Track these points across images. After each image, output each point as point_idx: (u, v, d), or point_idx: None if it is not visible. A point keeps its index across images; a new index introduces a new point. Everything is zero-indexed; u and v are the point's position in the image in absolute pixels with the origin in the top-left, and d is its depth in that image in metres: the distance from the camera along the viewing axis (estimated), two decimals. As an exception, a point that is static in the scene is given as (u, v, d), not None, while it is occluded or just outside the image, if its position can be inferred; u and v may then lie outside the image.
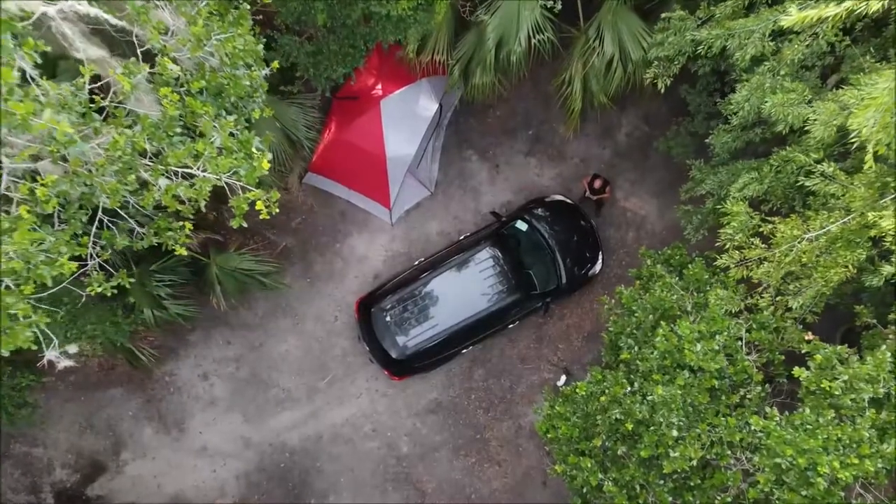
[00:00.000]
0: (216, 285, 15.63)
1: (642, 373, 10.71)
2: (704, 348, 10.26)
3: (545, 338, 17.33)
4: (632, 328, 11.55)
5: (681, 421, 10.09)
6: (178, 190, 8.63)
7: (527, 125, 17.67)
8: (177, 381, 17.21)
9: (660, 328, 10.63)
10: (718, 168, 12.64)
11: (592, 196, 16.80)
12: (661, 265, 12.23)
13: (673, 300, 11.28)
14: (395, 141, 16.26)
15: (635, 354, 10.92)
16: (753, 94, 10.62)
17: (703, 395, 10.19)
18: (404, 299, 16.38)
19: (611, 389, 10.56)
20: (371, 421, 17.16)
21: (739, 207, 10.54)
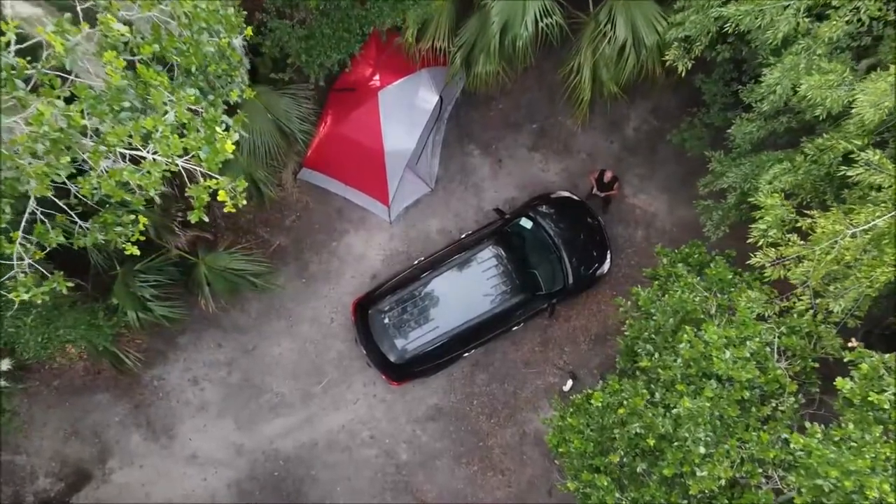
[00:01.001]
0: (205, 286, 14.33)
1: (664, 382, 9.40)
2: (734, 356, 8.96)
3: (550, 340, 16.02)
4: (650, 332, 10.25)
5: (708, 436, 8.79)
6: (123, 175, 7.13)
7: (531, 118, 16.36)
8: (165, 385, 15.89)
9: (684, 333, 9.33)
10: (740, 160, 11.34)
11: (600, 192, 15.50)
12: (681, 264, 10.91)
13: (695, 302, 9.98)
14: (394, 134, 14.95)
15: (656, 362, 9.61)
16: (786, 77, 9.31)
17: (733, 408, 8.89)
18: (403, 300, 15.07)
19: (630, 401, 9.25)
20: (369, 427, 15.85)
21: (774, 200, 9.22)
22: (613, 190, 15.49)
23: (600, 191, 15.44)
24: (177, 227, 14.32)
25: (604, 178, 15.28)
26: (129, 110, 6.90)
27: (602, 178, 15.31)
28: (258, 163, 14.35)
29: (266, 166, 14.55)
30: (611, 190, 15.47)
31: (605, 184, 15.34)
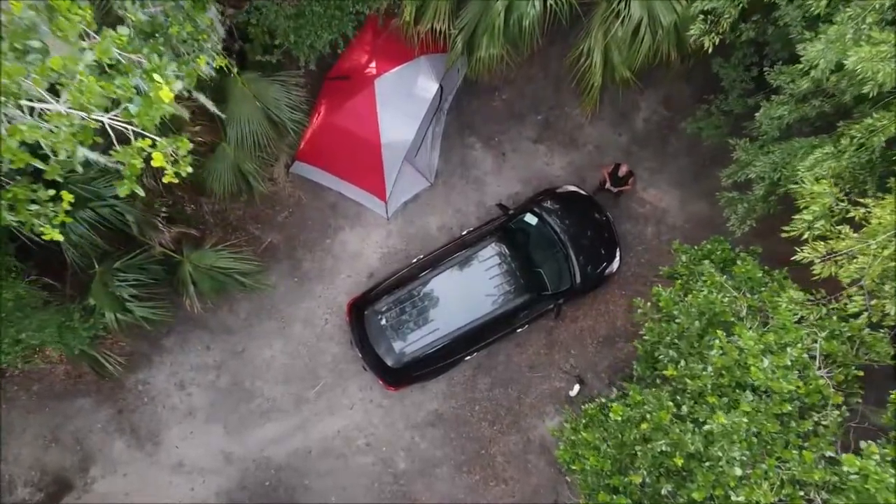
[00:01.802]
0: (189, 285, 12.98)
1: (691, 393, 8.10)
2: (773, 364, 7.66)
3: (556, 343, 14.71)
4: (672, 336, 8.94)
5: (744, 455, 7.49)
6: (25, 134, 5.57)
7: (535, 109, 15.04)
8: (150, 390, 14.55)
9: (715, 339, 8.02)
10: (768, 147, 10.04)
11: (613, 187, 14.19)
12: (706, 261, 9.57)
13: (724, 303, 8.66)
14: (391, 125, 13.62)
15: (682, 370, 8.29)
16: (830, 49, 7.99)
17: (773, 423, 7.58)
18: (401, 301, 13.75)
19: (655, 415, 7.93)
20: (365, 434, 14.52)
21: (822, 187, 7.90)
22: (628, 185, 14.18)
23: (614, 186, 14.14)
24: (160, 223, 13.00)
25: (618, 173, 13.97)
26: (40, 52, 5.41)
27: (616, 173, 14.00)
28: (247, 154, 13.06)
29: (255, 158, 13.24)
30: (625, 185, 14.17)
31: (620, 178, 14.02)
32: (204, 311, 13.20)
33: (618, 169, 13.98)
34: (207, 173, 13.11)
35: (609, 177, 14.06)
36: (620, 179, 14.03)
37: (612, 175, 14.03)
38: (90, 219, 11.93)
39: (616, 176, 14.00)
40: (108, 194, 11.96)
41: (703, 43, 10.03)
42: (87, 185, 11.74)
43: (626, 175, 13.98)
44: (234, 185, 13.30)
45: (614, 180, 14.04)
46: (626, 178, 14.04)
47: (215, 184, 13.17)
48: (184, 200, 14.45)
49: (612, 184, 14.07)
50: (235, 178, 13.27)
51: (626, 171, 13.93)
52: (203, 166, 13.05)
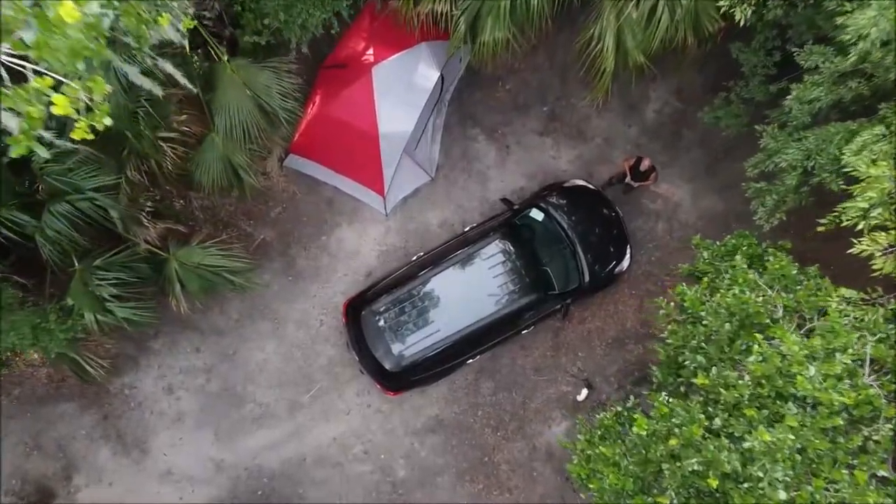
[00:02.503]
0: (176, 284, 11.84)
1: (725, 404, 6.99)
2: (821, 372, 6.56)
3: (563, 345, 13.59)
4: (699, 340, 7.83)
5: (787, 475, 6.39)
6: None
7: (541, 100, 13.93)
8: (137, 394, 13.43)
9: (750, 343, 6.92)
10: (800, 133, 8.93)
11: (634, 182, 13.04)
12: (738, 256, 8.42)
13: (758, 303, 7.55)
14: (390, 116, 12.49)
15: (714, 378, 7.17)
16: (884, 16, 6.90)
17: (821, 440, 6.48)
18: (400, 300, 12.63)
19: (685, 429, 6.82)
20: (362, 441, 13.40)
21: (881, 169, 6.79)
22: (649, 180, 13.05)
23: (634, 180, 13.00)
24: (145, 218, 11.91)
25: (640, 167, 12.84)
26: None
27: (638, 166, 12.86)
28: (236, 146, 11.95)
29: (246, 150, 12.13)
30: (646, 180, 13.03)
31: (642, 173, 12.89)
32: (191, 311, 12.06)
33: (640, 163, 12.84)
34: (195, 165, 12.00)
35: (630, 170, 12.93)
36: (642, 174, 12.89)
37: (634, 169, 12.90)
38: (68, 213, 10.81)
39: (637, 170, 12.87)
40: (87, 187, 10.86)
41: (735, 15, 8.91)
42: (64, 177, 10.64)
43: (648, 170, 12.85)
44: (224, 178, 12.18)
45: (635, 174, 12.91)
46: (647, 173, 12.90)
47: (204, 177, 12.05)
48: (172, 195, 13.32)
49: (633, 177, 12.94)
50: (225, 171, 12.14)
51: (648, 165, 12.79)
52: (191, 158, 11.98)
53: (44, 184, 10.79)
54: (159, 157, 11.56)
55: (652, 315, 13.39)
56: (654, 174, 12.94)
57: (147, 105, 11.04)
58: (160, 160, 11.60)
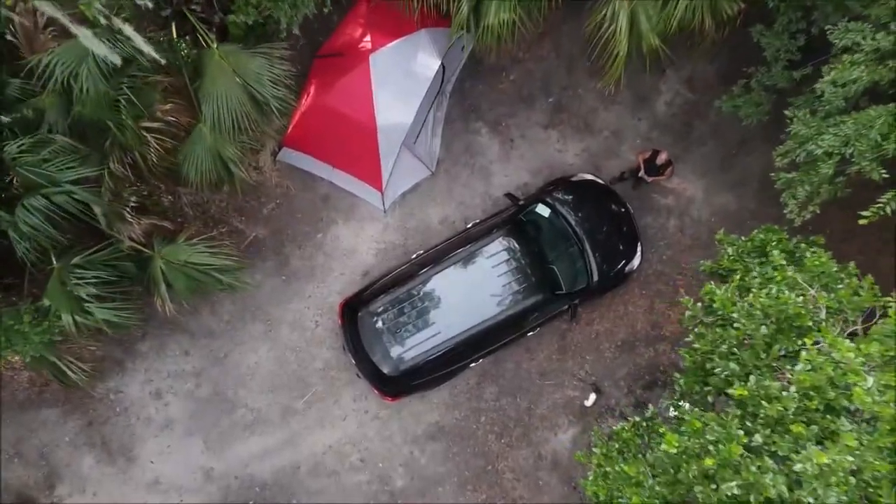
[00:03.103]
0: (161, 283, 10.84)
1: (766, 419, 6.00)
2: (880, 383, 5.57)
3: (570, 348, 12.59)
4: (730, 345, 6.84)
5: (841, 500, 5.41)
6: None
7: (546, 91, 12.93)
8: (123, 399, 12.43)
9: (792, 348, 5.94)
10: (835, 118, 7.96)
11: (648, 177, 12.05)
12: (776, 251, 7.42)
13: (798, 304, 6.56)
14: (388, 106, 11.51)
15: (754, 389, 6.17)
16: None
17: (880, 461, 5.49)
18: (399, 301, 11.65)
19: (722, 447, 5.82)
20: (359, 449, 12.39)
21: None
22: (664, 175, 12.05)
23: (648, 174, 12.00)
24: (129, 214, 10.92)
25: (656, 160, 11.84)
26: None
27: (654, 160, 11.87)
28: (226, 137, 10.94)
29: (236, 142, 11.13)
30: (661, 175, 12.03)
31: (658, 166, 11.89)
32: (178, 312, 11.06)
33: (656, 156, 11.84)
34: (183, 158, 11.01)
35: (644, 164, 11.94)
36: (658, 168, 11.89)
37: (649, 162, 11.90)
38: (44, 207, 9.83)
39: (653, 163, 11.87)
40: (64, 179, 9.87)
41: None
42: (38, 169, 9.65)
43: (664, 164, 11.85)
44: (214, 172, 11.16)
45: (650, 168, 11.91)
46: (664, 168, 11.90)
47: (192, 170, 11.04)
48: (160, 190, 12.28)
49: (647, 172, 11.94)
50: (214, 165, 11.13)
51: (665, 158, 11.79)
52: (179, 151, 10.99)
53: (18, 176, 9.81)
54: (143, 148, 10.56)
55: (663, 317, 12.47)
56: (671, 169, 11.95)
57: (129, 93, 10.05)
58: (144, 152, 10.60)
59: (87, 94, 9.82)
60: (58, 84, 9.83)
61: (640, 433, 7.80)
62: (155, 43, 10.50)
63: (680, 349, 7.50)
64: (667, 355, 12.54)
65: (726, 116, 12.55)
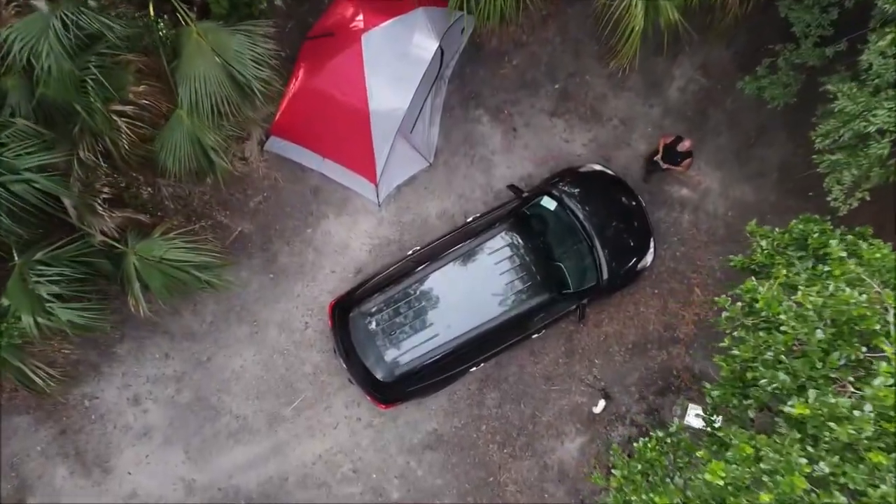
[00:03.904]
0: (134, 282, 9.61)
1: (831, 444, 4.78)
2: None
3: (577, 351, 11.36)
4: (777, 352, 5.61)
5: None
6: None
7: (552, 77, 11.71)
8: (99, 406, 11.20)
9: (875, 359, 4.73)
10: (890, 93, 6.73)
11: (663, 163, 10.82)
12: (835, 242, 6.18)
13: (862, 303, 5.34)
14: (382, 90, 10.30)
15: (816, 407, 4.94)
16: None
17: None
18: (394, 301, 10.43)
19: (782, 481, 4.60)
20: (351, 459, 11.17)
21: None
22: (681, 166, 10.80)
23: (665, 160, 10.77)
24: (100, 206, 9.72)
25: (677, 147, 10.59)
26: None
27: (675, 146, 10.62)
28: (205, 123, 9.71)
29: (217, 129, 9.91)
30: (678, 165, 10.78)
31: (678, 154, 10.62)
32: (154, 313, 9.83)
33: (678, 143, 10.58)
34: (161, 146, 9.78)
35: (664, 149, 10.70)
36: (678, 155, 10.64)
37: (669, 148, 10.66)
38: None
39: (673, 150, 10.62)
40: (23, 166, 8.65)
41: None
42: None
43: (685, 153, 10.59)
44: (193, 161, 9.93)
45: (668, 155, 10.67)
46: (684, 157, 10.65)
47: (170, 159, 9.81)
48: (139, 182, 11.08)
49: (664, 158, 10.71)
50: (195, 154, 9.90)
51: (687, 147, 10.51)
52: (156, 138, 9.77)
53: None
54: (115, 134, 9.33)
55: (677, 318, 11.24)
56: (689, 161, 10.68)
57: (97, 72, 8.83)
58: (116, 139, 9.37)
59: (50, 74, 8.62)
60: (19, 63, 8.65)
61: (664, 450, 6.57)
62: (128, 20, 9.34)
63: (715, 357, 6.27)
64: (681, 359, 11.32)
65: (744, 104, 11.40)
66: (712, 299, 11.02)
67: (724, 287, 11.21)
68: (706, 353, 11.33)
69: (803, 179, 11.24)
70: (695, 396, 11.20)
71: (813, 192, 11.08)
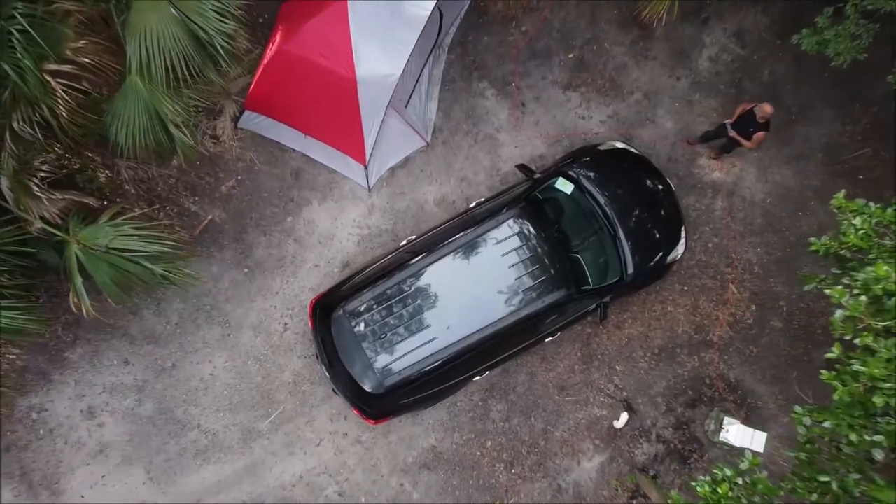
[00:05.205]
0: (76, 275, 7.67)
1: None
2: None
3: (596, 356, 9.39)
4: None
5: None
6: None
7: (566, 45, 9.76)
8: (48, 419, 9.22)
9: None
10: None
11: (731, 130, 8.73)
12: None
13: None
14: (371, 54, 8.31)
15: None
16: None
17: None
18: (384, 298, 8.44)
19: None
20: (336, 480, 9.20)
21: None
22: (749, 140, 8.68)
23: (735, 128, 8.70)
24: (38, 188, 7.79)
25: (756, 117, 8.48)
26: None
27: (752, 116, 8.52)
28: (163, 89, 7.77)
29: (178, 96, 7.96)
30: (748, 137, 8.70)
31: (754, 123, 8.49)
32: (100, 314, 7.83)
33: (756, 111, 8.47)
34: (111, 118, 7.85)
35: (739, 117, 8.63)
36: (751, 125, 8.51)
37: (745, 115, 8.58)
38: None
39: (749, 118, 8.54)
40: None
41: None
42: None
43: (763, 123, 8.47)
44: (150, 136, 8.00)
45: (742, 124, 8.57)
46: (759, 129, 8.51)
47: (122, 133, 7.91)
48: (95, 163, 9.13)
49: (735, 126, 8.62)
50: (152, 127, 7.98)
51: (767, 114, 8.31)
52: (107, 108, 7.84)
53: None
54: (51, 100, 7.39)
55: (709, 318, 9.28)
56: (763, 135, 8.53)
57: (24, 23, 6.91)
58: (53, 105, 7.43)
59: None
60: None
61: (735, 494, 4.61)
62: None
63: (823, 374, 4.29)
64: (714, 365, 9.35)
65: (783, 75, 9.47)
66: (749, 297, 9.14)
67: (778, 281, 9.26)
68: (743, 359, 9.36)
69: (853, 160, 9.34)
70: (731, 408, 9.24)
71: (864, 174, 9.19)
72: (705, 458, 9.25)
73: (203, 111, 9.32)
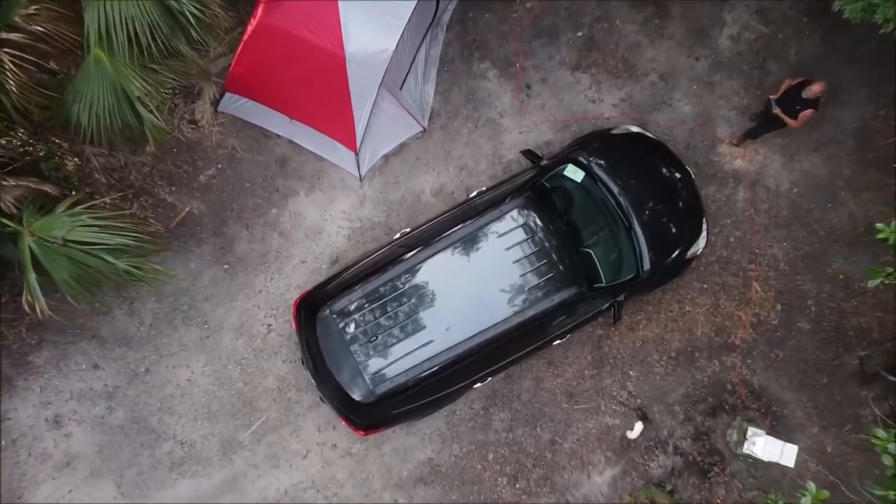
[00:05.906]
0: (30, 270, 6.67)
1: None
2: None
3: (608, 361, 8.35)
4: None
5: None
6: None
7: (574, 23, 8.73)
8: (11, 429, 8.19)
9: None
10: None
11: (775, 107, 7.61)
12: None
13: None
14: (361, 28, 7.30)
15: None
16: None
17: None
18: (376, 297, 7.41)
19: None
20: (325, 495, 8.16)
21: None
22: (795, 119, 7.65)
23: (779, 104, 7.62)
24: (-11, 174, 6.83)
25: (802, 93, 7.45)
26: None
27: (800, 92, 7.46)
28: (130, 66, 6.76)
29: (149, 75, 6.95)
30: (793, 116, 7.65)
31: (801, 100, 7.49)
32: (53, 313, 6.79)
33: (803, 87, 7.45)
34: (73, 97, 6.86)
35: (784, 93, 7.59)
36: (797, 103, 7.48)
37: (792, 91, 7.54)
38: None
39: (795, 96, 7.51)
40: None
41: None
42: None
43: (811, 100, 7.44)
44: (117, 117, 7.01)
45: (788, 101, 7.53)
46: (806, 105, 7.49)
47: (84, 114, 6.94)
48: (62, 150, 8.12)
49: (780, 101, 7.58)
50: (119, 108, 6.99)
51: (816, 92, 7.28)
52: (69, 87, 6.85)
53: None
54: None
55: (731, 319, 8.26)
56: (810, 113, 7.49)
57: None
58: (2, 80, 6.44)
59: None
60: None
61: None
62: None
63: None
64: (736, 370, 8.32)
65: (811, 55, 8.45)
66: (774, 296, 8.10)
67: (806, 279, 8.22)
68: (768, 364, 8.33)
69: (887, 146, 8.31)
70: (754, 417, 8.20)
71: (901, 162, 8.16)
72: (727, 472, 8.21)
73: (180, 93, 8.33)
